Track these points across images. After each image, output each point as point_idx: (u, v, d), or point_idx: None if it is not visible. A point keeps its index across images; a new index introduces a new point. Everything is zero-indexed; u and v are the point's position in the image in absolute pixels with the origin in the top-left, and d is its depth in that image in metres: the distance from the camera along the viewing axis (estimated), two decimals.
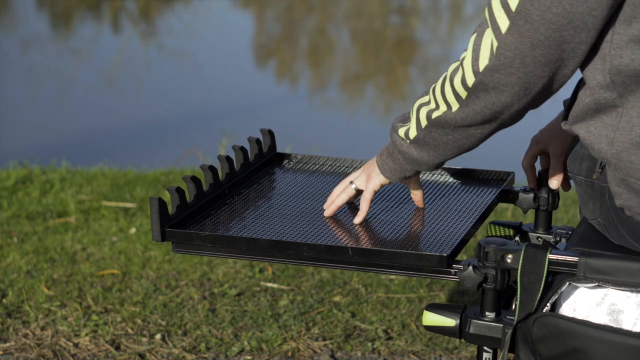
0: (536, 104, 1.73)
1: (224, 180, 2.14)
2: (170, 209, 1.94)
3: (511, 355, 1.76)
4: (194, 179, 2.02)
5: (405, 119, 1.89)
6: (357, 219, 1.98)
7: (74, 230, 3.98)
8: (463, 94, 1.72)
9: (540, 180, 2.17)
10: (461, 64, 1.72)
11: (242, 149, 2.23)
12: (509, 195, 2.19)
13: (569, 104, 1.80)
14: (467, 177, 2.25)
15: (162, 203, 1.90)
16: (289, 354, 3.08)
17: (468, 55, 1.71)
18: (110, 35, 10.12)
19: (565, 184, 2.21)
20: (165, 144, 6.35)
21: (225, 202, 2.09)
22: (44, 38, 9.71)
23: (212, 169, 2.09)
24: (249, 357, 3.06)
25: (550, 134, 2.14)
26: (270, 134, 2.35)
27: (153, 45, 9.65)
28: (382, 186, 1.97)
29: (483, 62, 1.68)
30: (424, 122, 1.81)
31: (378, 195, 2.14)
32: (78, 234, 3.92)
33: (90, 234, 3.93)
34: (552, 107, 2.18)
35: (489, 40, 1.67)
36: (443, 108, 1.77)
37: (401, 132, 1.87)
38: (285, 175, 2.28)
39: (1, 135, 6.33)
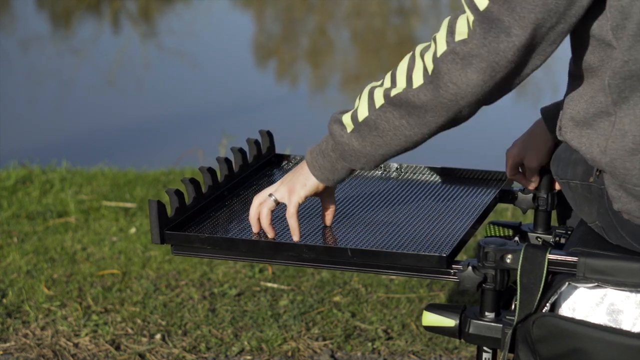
0: (494, 95, 1.68)
1: (223, 182, 2.13)
2: (169, 212, 1.94)
3: (511, 355, 1.76)
4: (193, 181, 2.02)
5: (348, 110, 1.81)
6: (293, 237, 1.87)
7: (74, 230, 3.98)
8: (430, 66, 1.67)
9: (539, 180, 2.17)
10: (433, 39, 1.69)
11: (241, 150, 2.23)
12: (508, 196, 2.19)
13: (560, 113, 1.79)
14: (466, 177, 2.25)
15: (161, 206, 1.89)
16: (289, 354, 3.08)
17: (442, 31, 1.67)
18: (110, 35, 10.12)
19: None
20: (165, 144, 6.35)
21: (224, 204, 2.09)
22: (44, 38, 9.71)
23: (210, 170, 2.09)
24: (249, 357, 3.06)
25: (523, 148, 2.11)
26: (269, 135, 2.35)
27: (153, 45, 9.65)
28: (306, 198, 1.86)
29: (459, 35, 1.65)
30: (379, 102, 1.74)
31: (378, 195, 2.14)
32: (78, 234, 3.92)
33: (90, 234, 3.94)
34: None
35: (464, 19, 1.66)
36: (402, 85, 1.71)
37: (346, 118, 1.78)
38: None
39: (1, 135, 6.33)
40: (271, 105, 7.53)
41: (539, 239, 2.18)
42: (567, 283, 1.72)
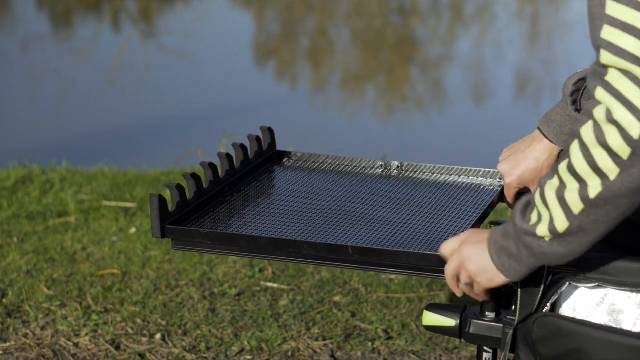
0: None
1: (224, 177, 2.13)
2: (171, 206, 1.94)
3: (511, 355, 1.76)
4: (194, 176, 2.02)
5: (534, 218, 1.59)
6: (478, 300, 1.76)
7: (74, 230, 3.98)
8: (625, 151, 1.45)
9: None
10: (613, 122, 1.46)
11: (242, 146, 2.23)
12: None
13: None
14: (467, 176, 2.25)
15: (162, 200, 1.90)
16: (289, 354, 3.07)
17: (616, 108, 1.45)
18: (110, 35, 10.12)
19: None
20: (165, 144, 6.35)
21: (225, 200, 2.09)
22: (44, 38, 9.71)
23: (212, 166, 2.09)
24: (249, 357, 3.06)
25: (534, 175, 2.03)
26: (270, 131, 2.35)
27: (153, 45, 9.65)
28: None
29: None
30: (578, 207, 1.52)
31: (379, 193, 2.14)
32: (78, 234, 3.92)
33: (90, 234, 3.93)
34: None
35: (626, 80, 1.44)
36: (596, 182, 1.49)
37: (541, 231, 1.57)
38: (285, 173, 2.28)
39: (1, 135, 6.33)
40: (271, 105, 7.53)
41: None
42: (567, 283, 1.72)
